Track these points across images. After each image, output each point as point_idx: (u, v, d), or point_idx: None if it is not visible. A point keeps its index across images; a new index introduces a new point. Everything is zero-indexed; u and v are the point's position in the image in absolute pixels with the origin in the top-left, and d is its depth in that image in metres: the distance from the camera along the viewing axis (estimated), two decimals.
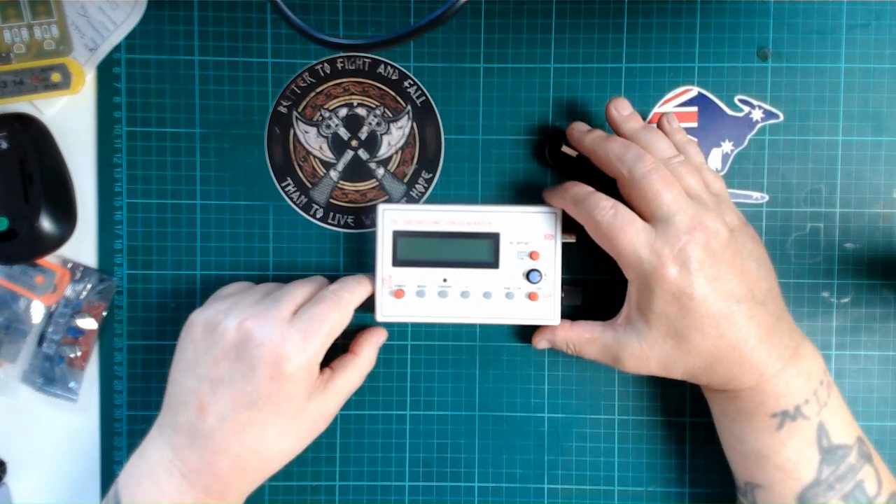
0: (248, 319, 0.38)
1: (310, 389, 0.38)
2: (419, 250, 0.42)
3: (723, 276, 0.37)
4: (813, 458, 0.38)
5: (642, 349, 0.39)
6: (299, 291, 0.40)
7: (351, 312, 0.40)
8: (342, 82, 0.45)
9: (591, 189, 0.40)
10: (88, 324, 0.45)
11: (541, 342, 0.43)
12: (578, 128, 0.42)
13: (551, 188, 0.42)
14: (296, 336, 0.37)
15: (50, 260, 0.45)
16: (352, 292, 0.40)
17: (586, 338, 0.41)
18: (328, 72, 0.45)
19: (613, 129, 0.42)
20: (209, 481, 0.37)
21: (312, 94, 0.45)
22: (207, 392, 0.37)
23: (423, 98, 0.45)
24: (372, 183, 0.46)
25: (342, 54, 0.45)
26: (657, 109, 0.45)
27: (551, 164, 0.45)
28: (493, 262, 0.42)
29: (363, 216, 0.46)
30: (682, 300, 0.37)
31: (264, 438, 0.38)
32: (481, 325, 0.46)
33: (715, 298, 0.37)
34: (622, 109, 0.42)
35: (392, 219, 0.41)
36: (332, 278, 0.44)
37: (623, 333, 0.39)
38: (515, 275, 0.42)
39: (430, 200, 0.46)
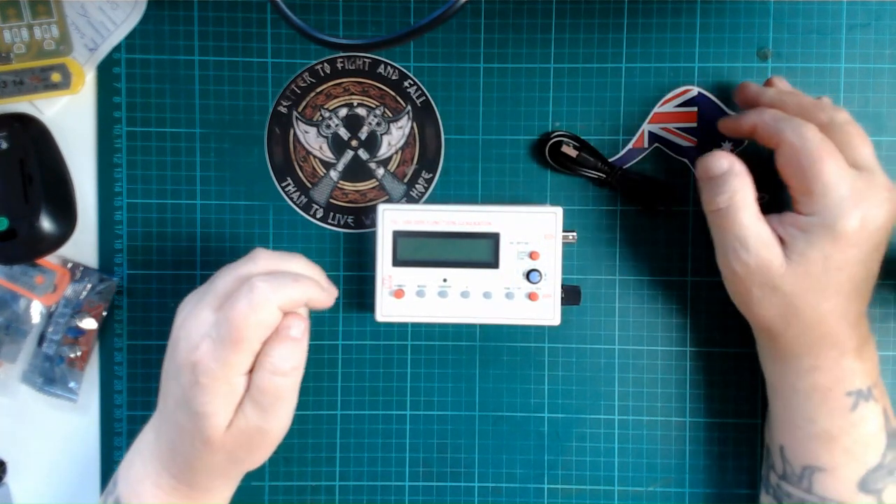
0: (180, 316, 0.36)
1: (228, 409, 0.35)
2: (419, 250, 0.42)
3: (880, 249, 0.37)
4: (881, 442, 0.38)
5: (779, 269, 0.37)
6: (224, 282, 0.36)
7: (273, 312, 0.34)
8: (342, 82, 0.45)
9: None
10: (88, 324, 0.45)
11: (720, 161, 0.38)
12: (752, 85, 0.41)
13: (737, 115, 0.41)
14: (207, 346, 0.34)
15: (50, 260, 0.45)
16: (276, 287, 0.34)
17: (755, 208, 0.37)
18: (328, 72, 0.45)
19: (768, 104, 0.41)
20: (174, 469, 0.38)
21: (312, 94, 0.45)
22: (164, 383, 0.38)
23: (423, 98, 0.45)
24: (372, 183, 0.46)
25: (342, 54, 0.45)
26: (657, 109, 0.45)
27: (551, 164, 0.45)
28: (493, 262, 0.42)
29: (363, 216, 0.46)
30: (851, 252, 0.36)
31: (195, 447, 0.36)
32: (481, 325, 0.46)
33: (865, 265, 0.37)
34: (784, 85, 0.42)
35: (392, 219, 0.42)
36: (333, 279, 0.44)
37: (777, 241, 0.37)
38: (515, 275, 0.42)
39: (430, 200, 0.46)
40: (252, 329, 0.34)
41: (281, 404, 0.36)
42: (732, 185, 0.37)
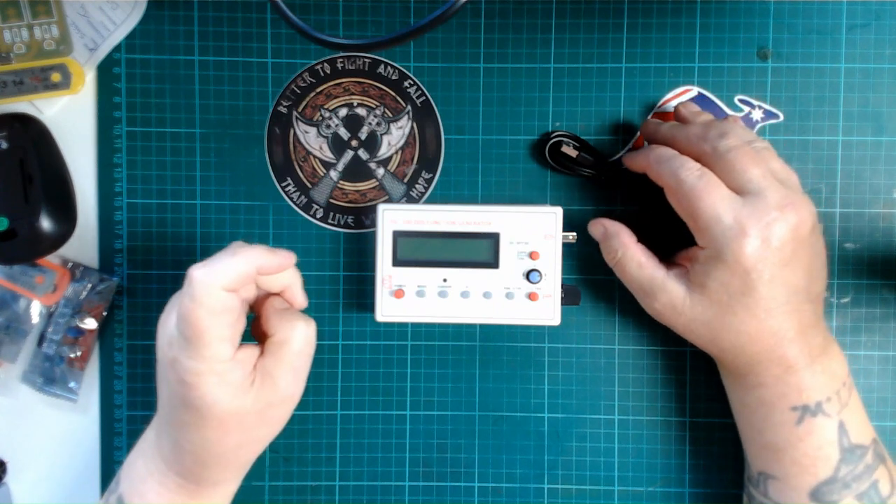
0: (161, 316, 0.37)
1: (229, 390, 0.35)
2: (419, 250, 0.42)
3: (793, 264, 0.37)
4: (833, 456, 0.38)
5: (683, 304, 0.38)
6: (185, 281, 0.35)
7: (219, 296, 0.34)
8: (342, 82, 0.45)
9: (676, 152, 0.39)
10: (88, 324, 0.45)
11: (597, 228, 0.42)
12: (651, 121, 0.43)
13: (634, 152, 0.42)
14: (178, 339, 0.34)
15: (50, 260, 0.45)
16: (211, 271, 0.34)
17: (639, 259, 0.40)
18: (328, 72, 0.45)
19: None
20: (180, 468, 0.38)
21: (312, 94, 0.45)
22: (158, 382, 0.38)
23: (423, 98, 0.45)
24: (372, 183, 0.46)
25: (342, 54, 0.45)
26: (657, 109, 0.45)
27: (551, 164, 0.45)
28: (493, 262, 0.42)
29: (363, 216, 0.46)
30: (750, 276, 0.36)
31: (205, 437, 0.36)
32: (481, 325, 0.46)
33: (779, 283, 0.36)
34: (691, 108, 0.43)
35: (392, 219, 0.41)
36: (332, 279, 0.44)
37: (673, 280, 0.39)
38: (515, 275, 0.42)
39: (430, 200, 0.46)
40: (204, 320, 0.33)
41: (308, 366, 0.38)
42: (613, 246, 0.41)
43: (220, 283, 0.34)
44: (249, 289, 0.38)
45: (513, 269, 0.42)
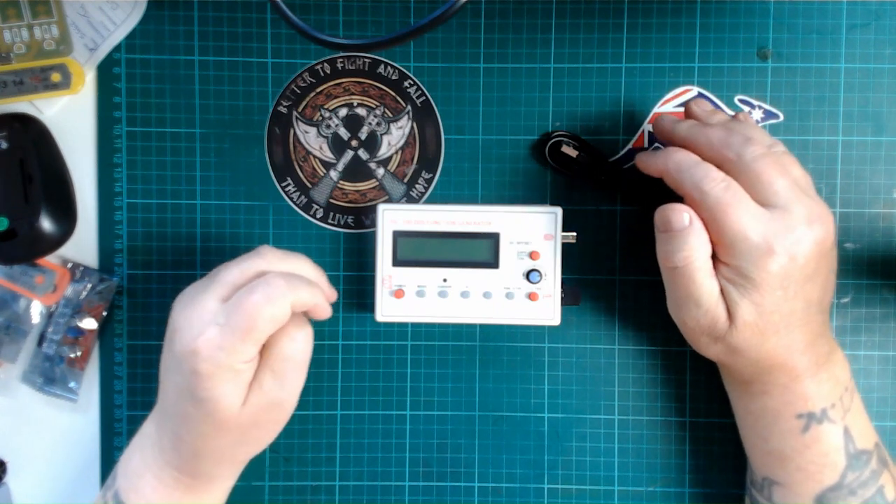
0: (178, 306, 0.37)
1: (238, 392, 0.36)
2: (419, 250, 0.42)
3: (814, 278, 0.36)
4: (839, 463, 0.37)
5: (723, 327, 0.36)
6: (231, 274, 0.36)
7: (286, 308, 0.35)
8: (342, 82, 0.45)
9: (698, 158, 0.36)
10: (88, 324, 0.45)
11: (679, 216, 0.36)
12: (666, 118, 0.40)
13: (649, 153, 0.39)
14: (213, 332, 0.34)
15: (50, 260, 0.45)
16: (292, 286, 0.35)
17: (711, 268, 0.36)
18: (328, 72, 0.45)
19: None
20: (177, 460, 0.38)
21: (312, 94, 0.45)
22: (163, 375, 0.38)
23: (423, 98, 0.45)
24: (372, 183, 0.46)
25: (342, 54, 0.45)
26: (657, 109, 0.45)
27: (551, 164, 0.45)
28: (493, 262, 0.42)
29: (363, 216, 0.46)
30: (776, 294, 0.35)
31: (204, 432, 0.36)
32: (481, 325, 0.46)
33: (800, 298, 0.36)
34: (704, 107, 0.40)
35: (392, 219, 0.42)
36: (332, 279, 0.44)
37: (723, 301, 0.36)
38: (515, 275, 0.42)
39: (430, 200, 0.46)
40: (264, 321, 0.34)
41: (297, 373, 0.37)
42: (690, 244, 0.36)
43: (293, 298, 0.35)
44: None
45: (513, 269, 0.42)
